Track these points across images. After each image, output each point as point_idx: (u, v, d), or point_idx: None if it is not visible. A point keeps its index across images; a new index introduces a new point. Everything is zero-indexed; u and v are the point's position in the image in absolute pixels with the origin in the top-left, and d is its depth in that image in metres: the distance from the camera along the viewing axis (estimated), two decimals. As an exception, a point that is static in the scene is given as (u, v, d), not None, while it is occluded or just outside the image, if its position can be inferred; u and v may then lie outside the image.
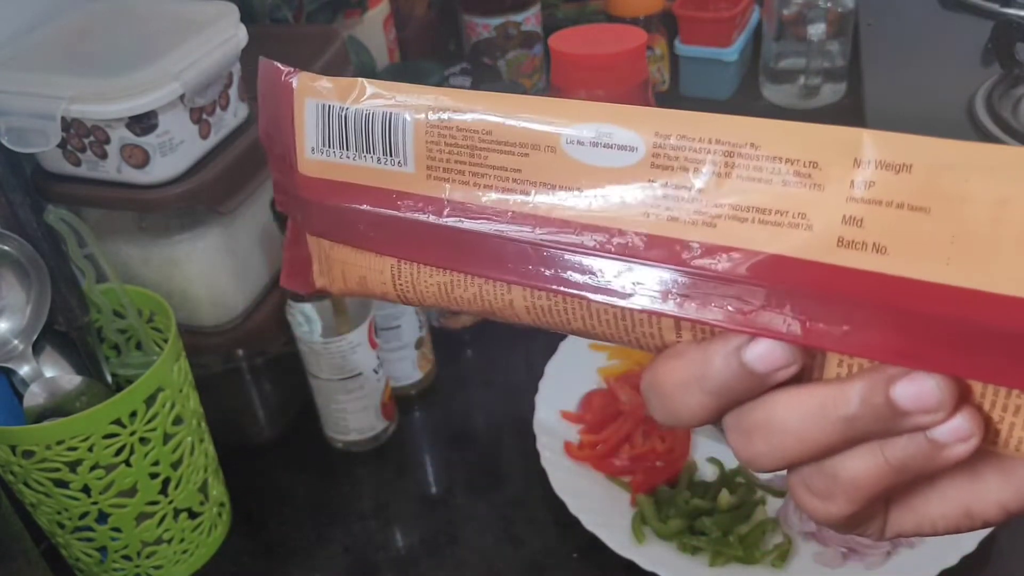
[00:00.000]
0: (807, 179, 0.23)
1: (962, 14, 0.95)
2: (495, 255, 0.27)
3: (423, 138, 0.27)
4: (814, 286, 0.22)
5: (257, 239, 0.60)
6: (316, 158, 0.30)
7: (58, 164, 0.52)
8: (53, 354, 0.51)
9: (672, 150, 0.24)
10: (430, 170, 0.28)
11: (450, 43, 0.94)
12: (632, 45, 0.61)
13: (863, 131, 0.22)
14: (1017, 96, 0.78)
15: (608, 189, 0.25)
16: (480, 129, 0.27)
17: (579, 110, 0.25)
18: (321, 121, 0.29)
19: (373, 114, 0.28)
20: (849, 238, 0.22)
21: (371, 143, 0.29)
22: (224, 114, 0.54)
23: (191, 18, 0.53)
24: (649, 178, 0.24)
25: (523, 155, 0.26)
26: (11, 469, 0.47)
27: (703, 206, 0.24)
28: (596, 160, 0.25)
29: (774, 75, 0.93)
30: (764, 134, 0.23)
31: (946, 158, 0.21)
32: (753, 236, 0.23)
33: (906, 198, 0.22)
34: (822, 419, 0.23)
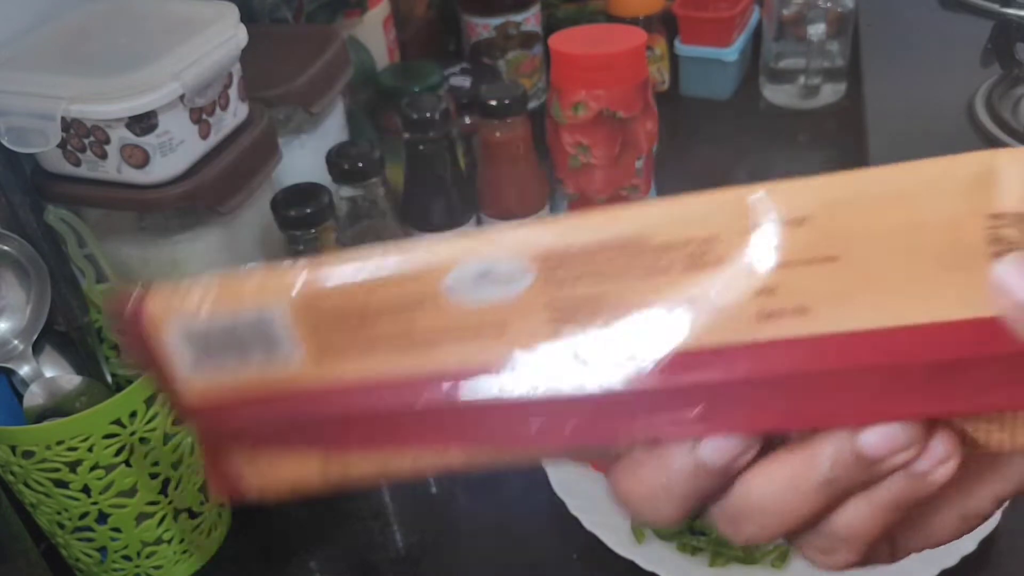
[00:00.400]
0: (707, 257, 0.21)
1: (962, 14, 0.95)
2: (418, 423, 0.25)
3: (303, 325, 0.25)
4: (748, 368, 0.21)
5: (257, 239, 0.60)
6: (196, 379, 0.27)
7: (58, 164, 0.52)
8: (53, 354, 0.52)
9: (561, 264, 0.22)
10: (320, 354, 0.25)
11: (450, 43, 0.94)
12: (632, 45, 0.61)
13: (750, 192, 0.21)
14: (1017, 96, 0.78)
15: (508, 323, 0.23)
16: (356, 301, 0.24)
17: (455, 250, 0.23)
18: (187, 341, 0.26)
19: (240, 317, 0.25)
20: (768, 309, 0.21)
21: (248, 345, 0.26)
22: (224, 114, 0.54)
23: (191, 18, 0.53)
24: (546, 301, 0.23)
25: (409, 315, 0.24)
26: (11, 469, 0.47)
27: (610, 314, 0.22)
28: (485, 298, 0.23)
29: (774, 75, 0.93)
30: (648, 222, 0.22)
31: (840, 196, 0.21)
32: (669, 332, 0.22)
33: (812, 252, 0.21)
34: (799, 490, 0.22)
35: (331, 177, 0.59)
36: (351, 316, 0.24)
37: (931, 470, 0.21)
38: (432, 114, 0.61)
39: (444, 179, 0.63)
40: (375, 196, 0.60)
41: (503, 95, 0.62)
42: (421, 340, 0.24)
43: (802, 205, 0.21)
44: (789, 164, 0.88)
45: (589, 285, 0.22)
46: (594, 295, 0.22)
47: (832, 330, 0.21)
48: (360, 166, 0.58)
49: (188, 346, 0.26)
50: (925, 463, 0.21)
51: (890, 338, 0.20)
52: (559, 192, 0.68)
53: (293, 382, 0.26)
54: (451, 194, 0.64)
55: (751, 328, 0.21)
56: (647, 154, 0.66)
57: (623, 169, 0.65)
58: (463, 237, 0.23)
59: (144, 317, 0.26)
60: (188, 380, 0.27)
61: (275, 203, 0.54)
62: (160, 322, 0.26)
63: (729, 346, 0.21)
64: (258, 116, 0.57)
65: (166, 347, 0.26)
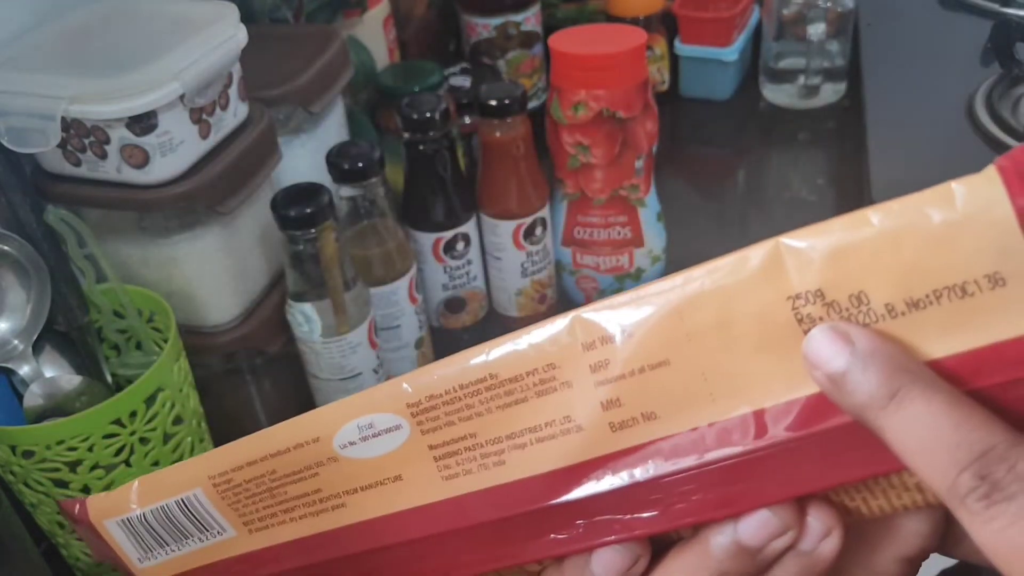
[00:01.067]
0: (553, 382, 0.23)
1: (962, 14, 0.95)
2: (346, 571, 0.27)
3: (223, 502, 0.28)
4: (614, 479, 0.22)
5: (257, 239, 0.60)
6: (148, 565, 0.30)
7: (58, 164, 0.52)
8: (53, 354, 0.52)
9: (429, 412, 0.24)
10: (247, 525, 0.28)
11: (450, 43, 0.94)
12: (632, 45, 0.61)
13: (575, 313, 0.23)
14: (1017, 96, 0.78)
15: (402, 470, 0.25)
16: (263, 473, 0.27)
17: (331, 415, 0.25)
18: (130, 534, 0.30)
19: (167, 505, 0.28)
20: (618, 420, 0.22)
21: (183, 529, 0.29)
22: (224, 114, 0.54)
23: (191, 18, 0.53)
24: (428, 444, 0.24)
25: (313, 475, 0.26)
26: (11, 469, 0.47)
27: (486, 449, 0.24)
28: (375, 451, 0.25)
29: (774, 75, 0.93)
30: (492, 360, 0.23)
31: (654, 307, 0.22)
32: (537, 458, 0.23)
33: (642, 360, 0.22)
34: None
35: (331, 177, 0.59)
36: (263, 486, 0.27)
37: (815, 546, 0.22)
38: (432, 114, 0.61)
39: (444, 179, 0.63)
40: (375, 196, 0.60)
41: (503, 95, 0.62)
42: (331, 496, 0.26)
43: (624, 319, 0.22)
44: (789, 164, 0.88)
45: (459, 425, 0.24)
46: (467, 434, 0.24)
47: (681, 429, 0.22)
48: (360, 166, 0.58)
49: (131, 538, 0.30)
50: (808, 541, 0.22)
51: (736, 427, 0.21)
52: (559, 192, 0.68)
53: (234, 551, 0.29)
54: (451, 194, 0.64)
55: (608, 440, 0.22)
56: (647, 154, 0.66)
57: (623, 169, 0.65)
58: (342, 401, 0.26)
59: (88, 521, 0.30)
60: (140, 564, 0.30)
61: (275, 203, 0.54)
62: (102, 523, 0.30)
63: (593, 460, 0.23)
64: (258, 116, 0.57)
65: (114, 542, 0.30)
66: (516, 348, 0.23)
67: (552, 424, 0.23)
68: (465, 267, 0.67)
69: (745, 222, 0.80)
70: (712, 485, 0.22)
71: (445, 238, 0.65)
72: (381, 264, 0.61)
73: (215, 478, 0.27)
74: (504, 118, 0.63)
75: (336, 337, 0.57)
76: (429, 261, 0.66)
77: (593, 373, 0.22)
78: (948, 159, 0.71)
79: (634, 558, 0.23)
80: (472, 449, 0.24)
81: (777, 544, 0.22)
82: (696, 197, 0.86)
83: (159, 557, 0.30)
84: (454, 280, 0.67)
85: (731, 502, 0.22)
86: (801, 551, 0.22)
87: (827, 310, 0.20)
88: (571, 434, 0.23)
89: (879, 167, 0.71)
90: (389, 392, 0.25)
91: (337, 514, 0.26)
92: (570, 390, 0.23)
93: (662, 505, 0.22)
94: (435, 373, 0.24)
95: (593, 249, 0.70)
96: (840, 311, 0.20)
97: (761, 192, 0.85)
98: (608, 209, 0.67)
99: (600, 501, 0.23)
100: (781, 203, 0.81)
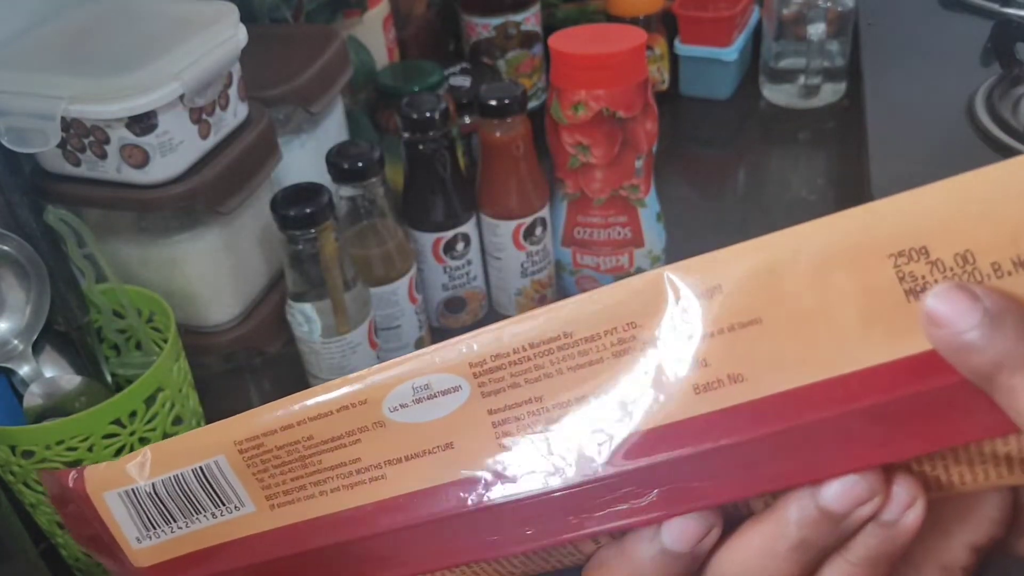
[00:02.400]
0: (634, 342, 0.22)
1: (962, 14, 0.95)
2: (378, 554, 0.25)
3: (247, 472, 0.25)
4: (696, 443, 0.21)
5: (257, 239, 0.60)
6: (146, 545, 0.27)
7: (58, 164, 0.52)
8: (53, 354, 0.51)
9: (493, 373, 0.23)
10: (271, 499, 0.26)
11: (450, 43, 0.94)
12: (632, 45, 0.61)
13: (661, 271, 0.22)
14: (1017, 96, 0.78)
15: (455, 437, 0.24)
16: (298, 439, 0.25)
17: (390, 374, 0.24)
18: (132, 508, 0.27)
19: (182, 475, 0.26)
20: (703, 381, 0.21)
21: (196, 503, 0.26)
22: (224, 114, 0.54)
23: (191, 18, 0.53)
24: (487, 409, 0.23)
25: (355, 442, 0.24)
26: (11, 469, 0.47)
27: (553, 413, 0.23)
28: (427, 415, 0.24)
29: (774, 75, 0.93)
30: (569, 318, 0.22)
31: (747, 262, 0.21)
32: (616, 420, 0.22)
33: (733, 318, 0.21)
34: (773, 559, 0.22)
35: (331, 177, 0.59)
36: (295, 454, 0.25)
37: (899, 517, 0.21)
38: (432, 114, 0.61)
39: (444, 179, 0.63)
40: (375, 196, 0.60)
41: (503, 95, 0.62)
42: (371, 466, 0.24)
43: (711, 277, 0.21)
44: (789, 164, 0.88)
45: (525, 388, 0.23)
46: (532, 397, 0.23)
47: (770, 392, 0.21)
48: (360, 166, 0.58)
49: (133, 512, 0.27)
50: (892, 510, 0.21)
51: (828, 390, 0.21)
52: (559, 192, 0.68)
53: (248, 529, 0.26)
54: (451, 194, 0.64)
55: (691, 403, 0.21)
56: (647, 154, 0.66)
57: (623, 169, 0.65)
58: (395, 361, 0.24)
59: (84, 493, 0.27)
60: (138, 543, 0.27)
61: (275, 203, 0.54)
62: (101, 496, 0.27)
63: (673, 424, 0.22)
64: (258, 116, 0.57)
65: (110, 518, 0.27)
66: (595, 305, 0.22)
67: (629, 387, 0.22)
68: (465, 267, 0.67)
69: (745, 222, 0.80)
70: (797, 450, 0.21)
71: (445, 238, 0.65)
72: (381, 264, 0.61)
73: (242, 443, 0.25)
74: (504, 118, 0.63)
75: (336, 337, 0.57)
76: (429, 261, 0.66)
77: (678, 332, 0.21)
78: (948, 159, 0.71)
79: (708, 527, 0.22)
80: (536, 414, 0.23)
81: (862, 511, 0.21)
82: (696, 197, 0.86)
83: (161, 536, 0.27)
84: (454, 280, 0.67)
85: (815, 468, 0.21)
86: (883, 521, 0.21)
87: (931, 268, 0.20)
88: (651, 396, 0.22)
89: (879, 167, 0.71)
90: (450, 351, 0.23)
91: (374, 487, 0.24)
92: (651, 350, 0.22)
93: (742, 471, 0.21)
94: (503, 331, 0.23)
95: (593, 249, 0.70)
96: (944, 270, 0.20)
97: (761, 192, 0.85)
98: (608, 209, 0.67)
99: (676, 467, 0.22)
100: (781, 203, 0.81)
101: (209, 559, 0.27)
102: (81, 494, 0.27)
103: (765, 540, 0.22)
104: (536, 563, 0.25)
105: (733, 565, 0.22)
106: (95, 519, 0.27)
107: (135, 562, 0.28)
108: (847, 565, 0.22)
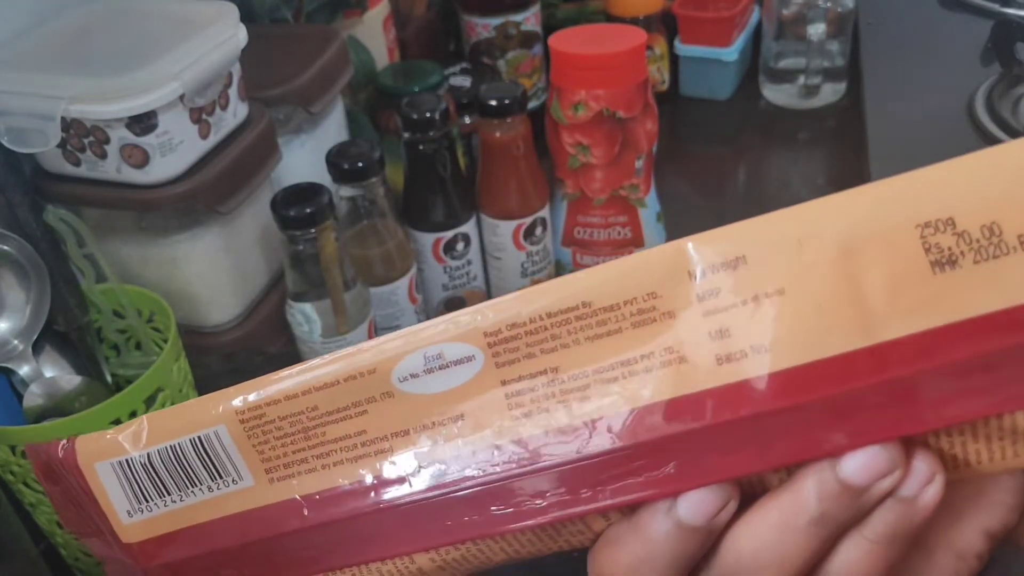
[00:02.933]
0: (654, 312, 0.21)
1: (962, 14, 0.95)
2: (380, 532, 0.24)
3: (247, 442, 0.24)
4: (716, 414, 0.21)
5: (257, 239, 0.60)
6: (137, 519, 0.26)
7: (58, 164, 0.52)
8: (53, 354, 0.51)
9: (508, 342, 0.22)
10: (270, 472, 0.25)
11: (450, 43, 0.94)
12: (632, 45, 0.61)
13: (683, 241, 0.21)
14: (1017, 96, 0.78)
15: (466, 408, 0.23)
16: (302, 409, 0.24)
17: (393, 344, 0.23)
18: (124, 479, 0.26)
19: (180, 444, 0.25)
20: (725, 352, 0.21)
21: (192, 475, 0.25)
22: (224, 114, 0.54)
23: (191, 18, 0.53)
24: (501, 379, 0.22)
25: (361, 413, 0.24)
26: (11, 469, 0.47)
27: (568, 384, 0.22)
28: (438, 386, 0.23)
29: (774, 75, 0.93)
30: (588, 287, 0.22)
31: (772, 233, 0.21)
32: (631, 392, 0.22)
33: (756, 289, 0.21)
34: (791, 533, 0.21)
35: (331, 177, 0.59)
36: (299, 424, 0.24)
37: (918, 492, 0.21)
38: (432, 114, 0.61)
39: (444, 179, 0.63)
40: (375, 196, 0.60)
41: (503, 95, 0.62)
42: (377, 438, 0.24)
43: (735, 247, 0.21)
44: (789, 164, 0.88)
45: (541, 358, 0.22)
46: (548, 368, 0.22)
47: (793, 364, 0.21)
48: (360, 166, 0.58)
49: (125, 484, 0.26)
50: (911, 485, 0.21)
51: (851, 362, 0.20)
52: (559, 192, 0.68)
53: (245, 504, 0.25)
54: (451, 194, 0.64)
55: (712, 374, 0.21)
56: (647, 154, 0.66)
57: (623, 168, 0.65)
58: (407, 330, 0.23)
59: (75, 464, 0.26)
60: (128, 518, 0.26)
61: (275, 203, 0.54)
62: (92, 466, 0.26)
63: (693, 395, 0.21)
64: (258, 116, 0.57)
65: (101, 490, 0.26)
66: (615, 275, 0.22)
67: (649, 356, 0.21)
68: (465, 267, 0.67)
69: (745, 222, 0.80)
70: (819, 422, 0.21)
71: (445, 238, 0.65)
72: (381, 264, 0.61)
73: (244, 413, 0.24)
74: (504, 118, 0.63)
75: (336, 337, 0.57)
76: (429, 261, 0.66)
77: (701, 302, 0.21)
78: (948, 159, 0.71)
79: (725, 499, 0.21)
80: (551, 384, 0.22)
81: (882, 485, 0.21)
82: (696, 197, 0.86)
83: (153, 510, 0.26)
84: (454, 280, 0.67)
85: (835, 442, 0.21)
86: (902, 496, 0.21)
87: (957, 240, 0.20)
88: (671, 366, 0.21)
89: (879, 167, 0.71)
90: (464, 320, 0.22)
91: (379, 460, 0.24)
92: (671, 320, 0.21)
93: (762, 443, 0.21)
94: (520, 299, 0.22)
95: (593, 249, 0.70)
96: (970, 242, 0.20)
97: (761, 192, 0.85)
98: (608, 209, 0.67)
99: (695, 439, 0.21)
100: (781, 203, 0.80)
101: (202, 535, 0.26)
102: (71, 465, 0.26)
103: (784, 514, 0.21)
104: (544, 542, 0.24)
105: (750, 540, 0.22)
106: (84, 492, 0.26)
107: (124, 537, 0.27)
108: (865, 542, 0.22)
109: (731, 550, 0.22)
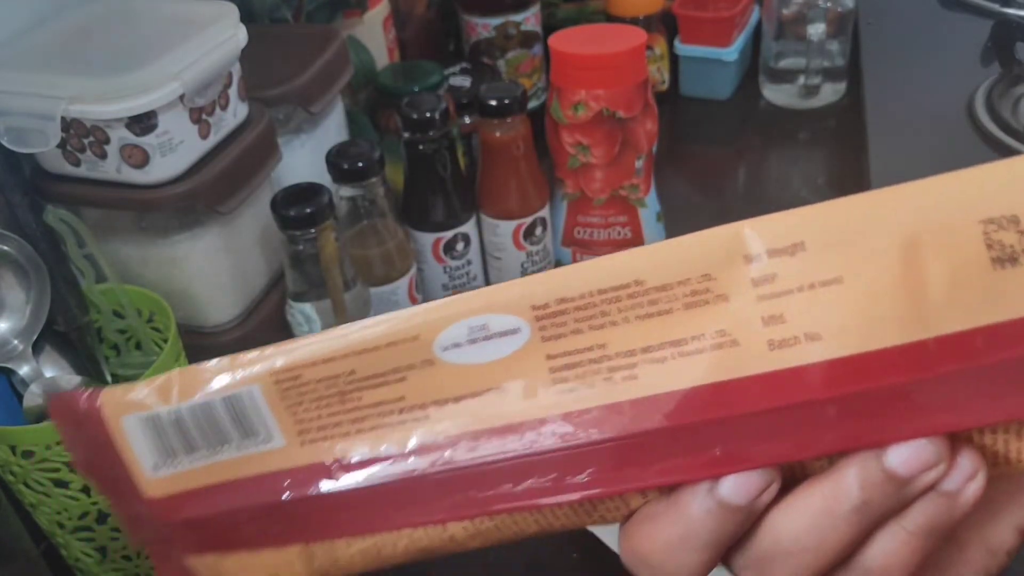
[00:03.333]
0: (707, 294, 0.21)
1: (962, 14, 0.95)
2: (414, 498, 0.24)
3: (281, 404, 0.24)
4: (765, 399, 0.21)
5: (257, 239, 0.60)
6: (162, 475, 0.25)
7: (57, 164, 0.52)
8: (53, 354, 0.51)
9: (556, 317, 0.22)
10: (302, 435, 0.24)
11: (450, 43, 0.94)
12: (632, 45, 0.61)
13: (741, 225, 0.21)
14: (1017, 95, 0.78)
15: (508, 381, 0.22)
16: (340, 372, 0.23)
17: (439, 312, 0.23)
18: (152, 434, 0.25)
19: (212, 403, 0.24)
20: (778, 338, 0.21)
21: (222, 432, 0.25)
22: (224, 114, 0.54)
23: (191, 18, 0.53)
24: (546, 353, 0.22)
25: (400, 380, 0.23)
26: (11, 469, 0.47)
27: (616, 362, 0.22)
28: (482, 356, 0.22)
29: (774, 75, 0.93)
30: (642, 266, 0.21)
31: (832, 221, 0.21)
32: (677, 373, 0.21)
33: (814, 276, 0.21)
34: (831, 519, 0.21)
35: (331, 177, 0.59)
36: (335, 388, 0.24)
37: (961, 488, 0.21)
38: (432, 114, 0.61)
39: (444, 179, 0.63)
40: (375, 196, 0.60)
41: (503, 95, 0.62)
42: (415, 406, 0.23)
43: (794, 233, 0.21)
44: (789, 164, 0.88)
45: (588, 334, 0.22)
46: (595, 344, 0.22)
47: (847, 353, 0.20)
48: (360, 166, 0.58)
49: (152, 439, 0.25)
50: (955, 480, 0.21)
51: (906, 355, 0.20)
52: (559, 192, 0.68)
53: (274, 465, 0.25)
54: (451, 194, 0.64)
55: (764, 359, 0.21)
56: (647, 154, 0.66)
57: (623, 168, 0.65)
58: (453, 298, 0.23)
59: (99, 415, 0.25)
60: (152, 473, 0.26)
61: (275, 203, 0.54)
62: (117, 418, 0.25)
63: (744, 379, 0.21)
64: (258, 116, 0.57)
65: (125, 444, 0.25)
66: (670, 255, 0.21)
67: (700, 338, 0.21)
68: (465, 267, 0.67)
69: (745, 222, 0.80)
70: (868, 413, 0.20)
71: (445, 238, 0.65)
72: (381, 264, 0.61)
73: (279, 373, 0.24)
74: (504, 118, 0.63)
75: (336, 337, 0.57)
76: (429, 261, 0.66)
77: (756, 287, 0.21)
78: (948, 159, 0.71)
79: (768, 481, 0.21)
80: (598, 361, 0.22)
81: (926, 477, 0.21)
82: (696, 197, 0.86)
83: (180, 465, 0.25)
84: (454, 280, 0.67)
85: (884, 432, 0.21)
86: (944, 491, 0.21)
87: (1020, 238, 0.20)
88: (722, 349, 0.21)
89: (879, 167, 0.71)
90: (513, 291, 0.22)
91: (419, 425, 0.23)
92: (725, 303, 0.21)
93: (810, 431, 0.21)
94: (571, 274, 0.22)
95: (593, 249, 0.70)
96: None
97: (761, 192, 0.85)
98: (608, 209, 0.67)
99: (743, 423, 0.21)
100: (781, 203, 0.81)
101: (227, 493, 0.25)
102: (95, 416, 0.25)
103: (826, 501, 0.21)
104: (580, 516, 0.24)
105: (790, 524, 0.22)
106: (107, 444, 0.26)
107: (148, 491, 0.26)
108: (903, 532, 0.22)
109: (770, 532, 0.22)
